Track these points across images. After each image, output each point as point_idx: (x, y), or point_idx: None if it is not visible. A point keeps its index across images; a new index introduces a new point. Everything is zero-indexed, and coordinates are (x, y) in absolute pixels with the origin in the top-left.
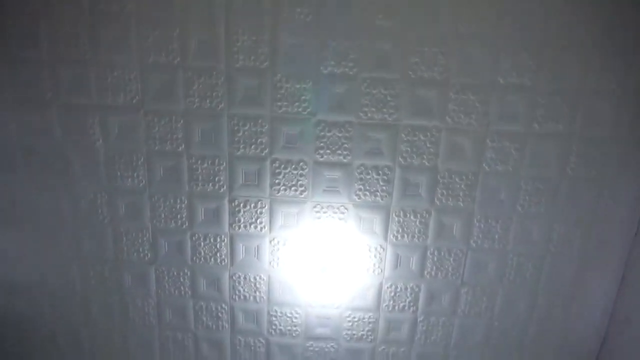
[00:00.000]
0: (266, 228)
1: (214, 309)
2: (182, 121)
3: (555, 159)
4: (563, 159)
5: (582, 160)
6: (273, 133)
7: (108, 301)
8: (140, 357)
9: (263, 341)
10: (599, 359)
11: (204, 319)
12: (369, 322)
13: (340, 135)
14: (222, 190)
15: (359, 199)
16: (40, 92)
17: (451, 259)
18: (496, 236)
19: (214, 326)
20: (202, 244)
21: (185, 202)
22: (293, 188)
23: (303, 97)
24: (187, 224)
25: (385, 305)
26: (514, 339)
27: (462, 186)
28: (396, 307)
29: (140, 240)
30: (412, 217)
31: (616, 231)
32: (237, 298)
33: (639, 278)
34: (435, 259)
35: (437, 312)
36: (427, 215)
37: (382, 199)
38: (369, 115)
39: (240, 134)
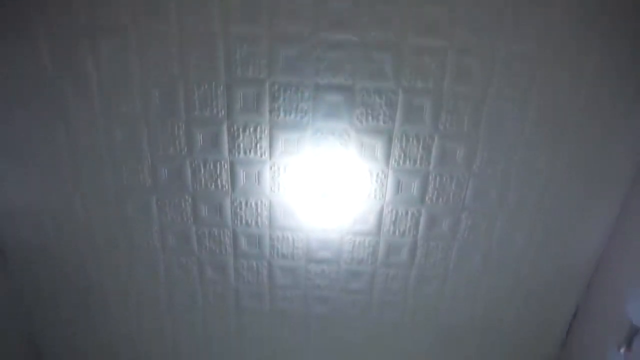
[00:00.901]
0: (266, 154)
1: (216, 234)
2: (176, 44)
3: (568, 86)
4: (575, 87)
5: (593, 93)
6: (272, 54)
7: (112, 229)
8: (146, 281)
9: (265, 264)
10: (590, 287)
11: (207, 243)
12: (370, 246)
13: (342, 56)
14: (220, 115)
15: (361, 123)
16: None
17: (453, 185)
18: (499, 163)
19: (217, 250)
20: (202, 170)
21: (183, 128)
22: (293, 113)
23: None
24: (186, 150)
25: (386, 230)
26: (510, 264)
27: (468, 111)
28: (397, 232)
29: (139, 168)
30: (414, 143)
31: (619, 164)
32: (239, 223)
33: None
34: (437, 184)
35: (437, 236)
36: (430, 141)
37: (384, 124)
38: (372, 34)
39: (238, 55)
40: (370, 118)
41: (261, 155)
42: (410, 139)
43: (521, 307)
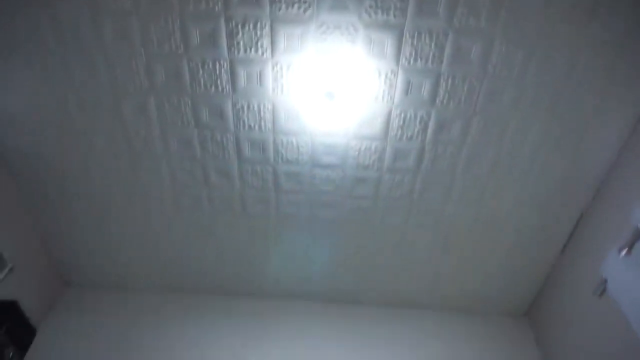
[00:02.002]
0: (268, 52)
1: (219, 138)
2: None
3: None
4: None
5: None
6: None
7: (111, 133)
8: (151, 186)
9: (270, 169)
10: (597, 194)
11: (210, 148)
12: (376, 151)
13: None
14: (217, 8)
15: (369, 17)
16: None
17: (465, 87)
18: (516, 63)
19: (220, 155)
20: (201, 70)
21: (178, 23)
22: (296, 5)
23: None
24: (182, 48)
25: (393, 134)
26: (518, 170)
27: (486, 3)
28: (404, 136)
29: (134, 67)
30: (427, 40)
31: None
32: (241, 127)
33: None
34: (449, 86)
35: (446, 141)
36: (443, 38)
37: (395, 18)
38: None
39: None
40: (380, 11)
41: (262, 54)
42: (423, 35)
43: (526, 212)
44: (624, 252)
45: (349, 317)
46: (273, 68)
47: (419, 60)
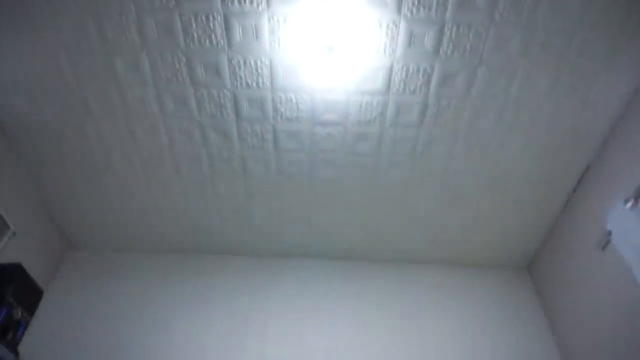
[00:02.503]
0: (263, 3)
1: (216, 96)
2: None
3: None
4: None
5: None
6: None
7: (105, 93)
8: (149, 147)
9: (269, 128)
10: (604, 147)
11: (207, 107)
12: (378, 106)
13: None
14: None
15: None
16: None
17: (470, 36)
18: (525, 8)
19: (218, 114)
20: (194, 24)
21: None
22: None
23: None
24: (173, 1)
25: (396, 89)
26: (525, 122)
27: None
28: (407, 90)
29: (124, 23)
30: None
31: None
32: (238, 85)
33: None
34: (453, 35)
35: (450, 94)
36: None
37: None
38: None
39: None
40: None
41: (257, 5)
42: None
43: (531, 165)
44: (629, 204)
45: (351, 274)
46: (269, 20)
47: (421, 9)
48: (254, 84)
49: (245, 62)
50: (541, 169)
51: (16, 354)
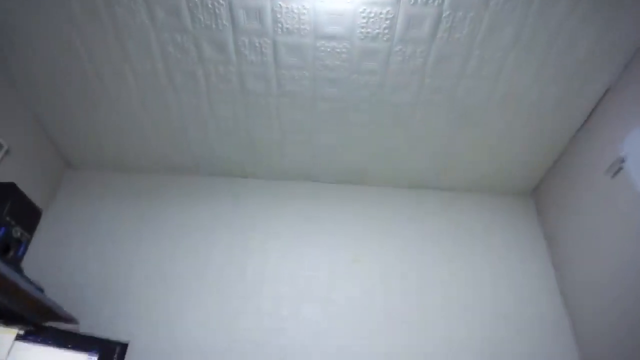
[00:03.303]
0: None
1: (210, 5)
2: None
3: None
4: None
5: None
6: None
7: (92, 3)
8: (142, 63)
9: (269, 41)
10: (626, 69)
11: (201, 17)
12: (387, 19)
13: None
14: None
15: None
16: None
17: None
18: None
19: (213, 25)
20: None
21: None
22: None
23: None
24: None
25: None
26: (545, 38)
27: None
28: (419, 0)
29: None
30: None
31: None
32: None
33: None
34: None
35: (466, 5)
36: None
37: None
38: None
39: None
40: None
41: None
42: None
43: (546, 89)
44: None
45: (355, 197)
46: None
47: None
48: None
49: None
50: (556, 93)
51: (19, 270)
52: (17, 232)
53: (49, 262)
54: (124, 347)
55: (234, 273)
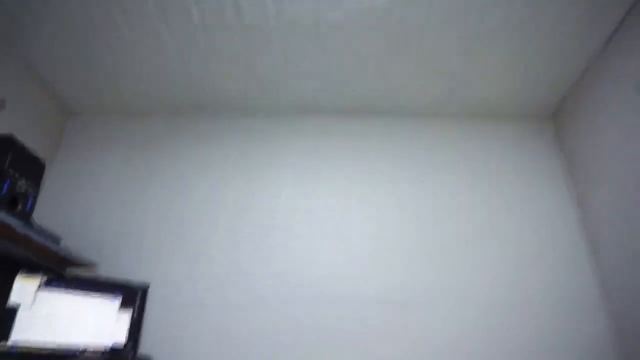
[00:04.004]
0: None
1: None
2: None
3: None
4: None
5: None
6: None
7: None
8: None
9: None
10: None
11: None
12: None
13: None
14: None
15: None
16: None
17: None
18: None
19: None
20: None
21: None
22: None
23: None
24: None
25: None
26: None
27: None
28: None
29: None
30: None
31: None
32: None
33: None
34: None
35: None
36: None
37: None
38: None
39: None
40: None
41: None
42: None
43: (566, 5)
44: None
45: (366, 129)
46: None
47: None
48: None
49: None
50: (581, 6)
51: (29, 224)
52: (22, 185)
53: (64, 211)
54: (145, 289)
55: (247, 212)
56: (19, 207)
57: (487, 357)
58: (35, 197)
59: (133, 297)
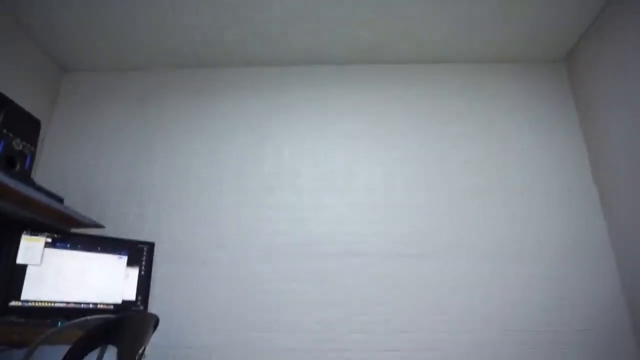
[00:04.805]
0: None
1: None
2: None
3: None
4: None
5: None
6: None
7: None
8: None
9: None
10: None
11: None
12: None
13: None
14: None
15: None
16: None
17: None
18: None
19: None
20: None
21: None
22: None
23: None
24: None
25: None
26: None
27: None
28: None
29: None
30: None
31: None
32: None
33: None
34: None
35: None
36: None
37: None
38: None
39: None
40: None
41: None
42: None
43: None
44: None
45: (371, 78)
46: None
47: None
48: None
49: None
50: None
51: (29, 183)
52: (17, 144)
53: (66, 171)
54: (151, 246)
55: (252, 168)
56: (17, 166)
57: (497, 308)
58: (33, 156)
59: (139, 254)
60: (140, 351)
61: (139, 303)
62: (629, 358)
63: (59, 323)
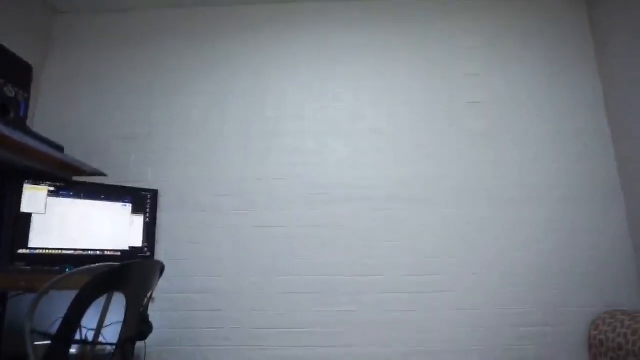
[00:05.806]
0: None
1: None
2: None
3: None
4: None
5: None
6: None
7: None
8: None
9: None
10: None
11: None
12: None
13: None
14: None
15: None
16: None
17: None
18: None
19: None
20: None
21: None
22: None
23: None
24: None
25: None
26: None
27: None
28: None
29: None
30: None
31: None
32: None
33: None
34: None
35: None
36: None
37: None
38: None
39: None
40: None
41: None
42: None
43: None
44: None
45: (374, 16)
46: None
47: None
48: None
49: None
50: None
51: (26, 130)
52: (10, 91)
53: (65, 119)
54: (155, 193)
55: (255, 112)
56: (12, 114)
57: (504, 251)
58: (27, 103)
59: (143, 201)
60: (148, 297)
61: (145, 249)
62: (633, 302)
63: (67, 269)
